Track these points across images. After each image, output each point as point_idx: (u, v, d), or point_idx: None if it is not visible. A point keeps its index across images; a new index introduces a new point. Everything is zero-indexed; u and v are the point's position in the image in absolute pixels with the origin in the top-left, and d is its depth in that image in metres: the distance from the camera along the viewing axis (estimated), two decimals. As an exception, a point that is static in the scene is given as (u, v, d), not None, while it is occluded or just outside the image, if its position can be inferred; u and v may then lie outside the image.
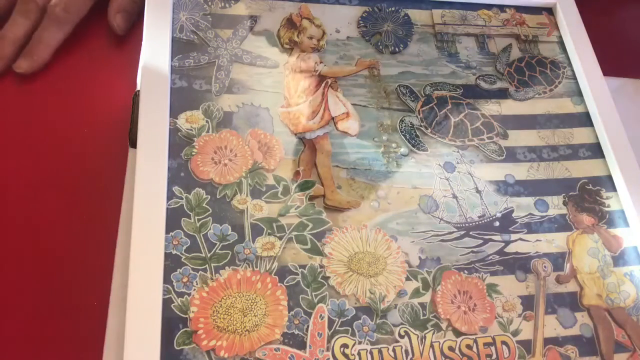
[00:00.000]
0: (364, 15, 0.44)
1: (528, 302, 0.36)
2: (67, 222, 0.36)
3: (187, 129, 0.36)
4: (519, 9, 0.48)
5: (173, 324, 0.30)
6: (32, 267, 0.34)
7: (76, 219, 0.36)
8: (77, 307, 0.33)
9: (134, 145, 0.34)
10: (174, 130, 0.36)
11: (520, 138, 0.42)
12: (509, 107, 0.43)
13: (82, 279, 0.34)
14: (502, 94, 0.44)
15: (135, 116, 0.34)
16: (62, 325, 0.33)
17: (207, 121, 0.37)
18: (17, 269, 0.34)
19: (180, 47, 0.39)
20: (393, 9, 0.45)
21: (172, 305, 0.30)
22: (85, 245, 0.35)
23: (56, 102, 0.40)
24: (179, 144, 0.35)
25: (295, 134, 0.38)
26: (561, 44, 0.47)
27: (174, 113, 0.36)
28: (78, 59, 0.42)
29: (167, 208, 0.32)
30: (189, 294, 0.31)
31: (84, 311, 0.33)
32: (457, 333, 0.33)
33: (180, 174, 0.34)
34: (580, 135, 0.43)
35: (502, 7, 0.48)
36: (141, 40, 0.38)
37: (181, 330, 0.30)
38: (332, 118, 0.39)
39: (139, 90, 0.35)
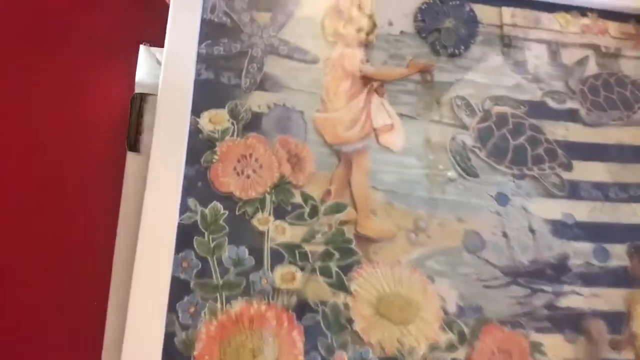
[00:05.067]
0: (423, 7, 0.38)
1: (574, 367, 0.31)
2: (68, 222, 0.34)
3: (210, 131, 0.32)
4: (603, 13, 0.41)
5: None
6: (32, 268, 0.33)
7: (76, 219, 0.35)
8: (77, 308, 0.32)
9: (131, 148, 0.31)
10: (194, 131, 0.31)
11: (586, 171, 0.36)
12: (577, 133, 0.38)
13: (81, 280, 0.33)
14: (571, 116, 0.38)
15: (134, 119, 0.32)
16: (62, 325, 0.31)
17: (232, 123, 0.32)
18: (17, 270, 0.33)
19: (210, 30, 0.34)
20: (457, 2, 0.39)
21: (174, 339, 0.27)
22: (85, 245, 0.34)
23: (55, 103, 0.38)
24: (199, 148, 0.31)
25: (330, 145, 0.33)
26: (648, 61, 0.41)
27: (196, 110, 0.32)
28: (76, 60, 0.39)
29: (178, 223, 0.29)
30: (195, 327, 0.27)
31: (84, 311, 0.31)
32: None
33: (198, 184, 0.30)
34: (657, 175, 0.37)
35: (583, 10, 0.41)
36: (140, 38, 0.34)
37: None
38: (374, 129, 0.35)
39: (137, 94, 0.33)
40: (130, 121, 0.32)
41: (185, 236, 0.29)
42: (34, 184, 0.35)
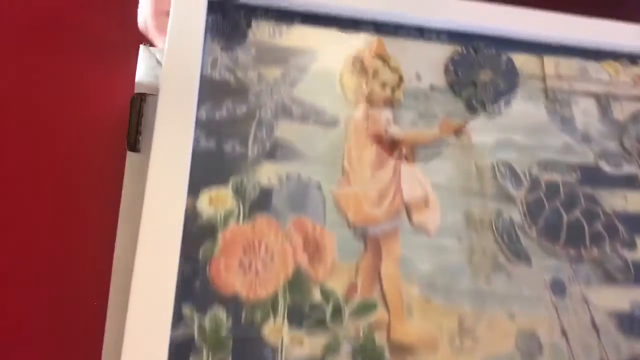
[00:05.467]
0: (454, 57, 0.33)
1: None
2: (67, 222, 0.33)
3: (209, 215, 0.26)
4: (655, 62, 0.37)
5: None
6: (32, 267, 0.32)
7: (76, 220, 0.33)
8: (77, 308, 0.31)
9: (131, 148, 0.30)
10: (191, 216, 0.26)
11: (653, 250, 0.32)
12: (637, 203, 0.33)
13: (81, 280, 0.32)
14: (630, 183, 0.33)
15: (134, 119, 0.30)
16: (62, 325, 0.31)
17: (237, 203, 0.27)
18: (17, 269, 0.32)
19: (211, 90, 0.28)
20: (493, 51, 0.34)
21: None
22: (85, 245, 0.32)
23: (55, 103, 0.36)
24: (197, 238, 0.25)
25: (355, 227, 0.28)
26: None
27: (194, 188, 0.26)
28: (76, 60, 0.38)
29: (170, 339, 0.23)
30: None
31: (84, 311, 0.30)
32: None
33: (195, 284, 0.25)
34: None
35: (633, 58, 0.36)
36: (140, 38, 0.32)
37: None
38: (405, 204, 0.29)
39: (137, 94, 0.31)
40: (130, 121, 0.31)
41: (179, 357, 0.23)
42: (34, 184, 0.34)
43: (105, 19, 0.39)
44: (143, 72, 0.33)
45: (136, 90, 0.33)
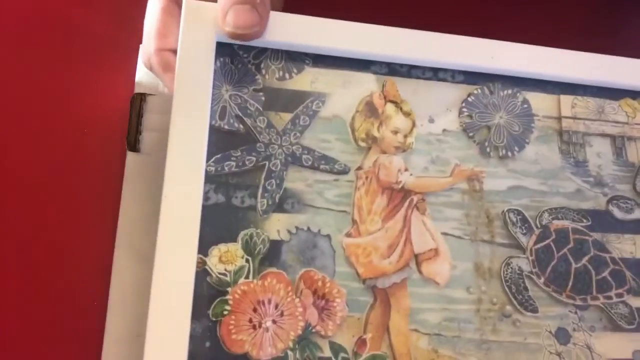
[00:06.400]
0: (469, 99, 0.32)
1: None
2: (67, 222, 0.34)
3: (220, 273, 0.26)
4: (674, 98, 0.36)
5: None
6: (31, 268, 0.32)
7: (75, 219, 0.34)
8: (77, 308, 0.32)
9: (131, 148, 0.32)
10: (201, 275, 0.26)
11: (659, 297, 0.32)
12: (647, 248, 0.33)
13: (81, 280, 0.32)
14: (639, 228, 0.33)
15: (134, 119, 0.31)
16: (62, 325, 0.31)
17: (247, 259, 0.27)
18: (16, 270, 0.32)
19: (219, 141, 0.28)
20: (509, 91, 0.33)
21: None
22: (84, 245, 0.33)
23: (54, 103, 0.37)
24: (207, 297, 0.25)
25: (364, 280, 0.28)
26: None
27: (204, 246, 0.26)
28: (76, 60, 0.38)
29: (183, 402, 0.24)
30: None
31: (84, 311, 0.31)
32: None
33: (205, 344, 0.25)
34: None
35: (651, 95, 0.36)
36: (140, 38, 0.32)
37: None
38: (415, 256, 0.29)
39: (136, 94, 0.32)
40: (130, 121, 0.32)
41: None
42: (33, 184, 0.35)
43: (105, 19, 0.39)
44: (143, 72, 0.33)
45: (136, 90, 0.33)
